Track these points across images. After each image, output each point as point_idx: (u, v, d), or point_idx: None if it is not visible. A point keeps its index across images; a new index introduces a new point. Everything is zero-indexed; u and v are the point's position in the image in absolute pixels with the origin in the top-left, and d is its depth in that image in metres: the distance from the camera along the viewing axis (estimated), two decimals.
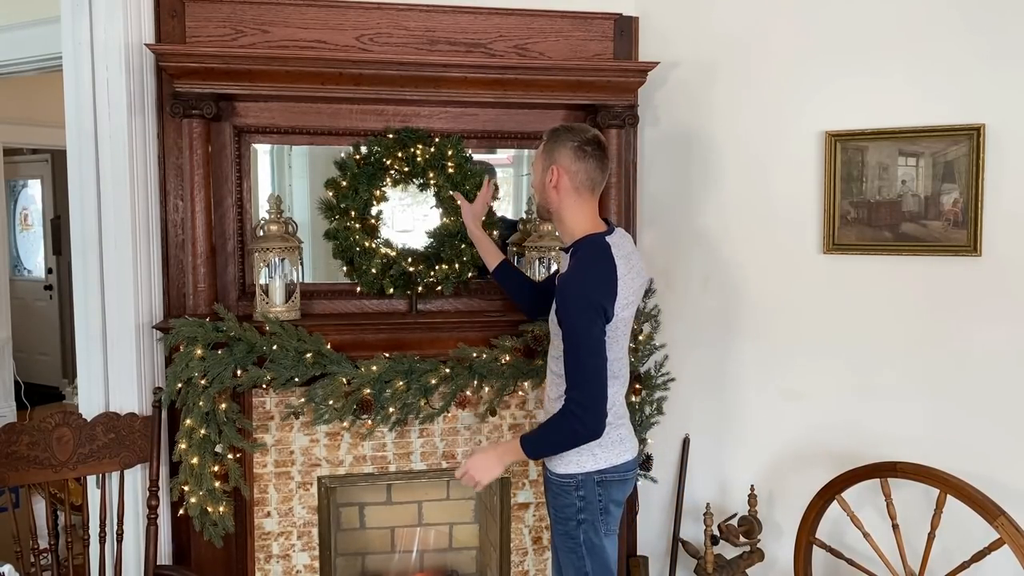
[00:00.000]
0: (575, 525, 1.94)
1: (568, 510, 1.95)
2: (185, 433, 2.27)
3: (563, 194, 1.93)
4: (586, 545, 1.94)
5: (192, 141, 2.33)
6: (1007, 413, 2.29)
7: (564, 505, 1.95)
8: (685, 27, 2.67)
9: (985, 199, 2.26)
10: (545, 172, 1.95)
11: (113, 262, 2.32)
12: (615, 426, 1.97)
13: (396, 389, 2.39)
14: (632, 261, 1.94)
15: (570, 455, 1.93)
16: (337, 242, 2.47)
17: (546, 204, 1.98)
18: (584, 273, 1.87)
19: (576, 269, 1.89)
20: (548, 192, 1.95)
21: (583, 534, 1.94)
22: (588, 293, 1.83)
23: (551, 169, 1.93)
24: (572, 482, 1.93)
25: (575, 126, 1.98)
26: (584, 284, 1.85)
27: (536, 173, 2.00)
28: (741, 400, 2.69)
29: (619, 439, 1.98)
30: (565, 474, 1.94)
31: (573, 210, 1.94)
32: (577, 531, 1.94)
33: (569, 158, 1.91)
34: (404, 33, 2.52)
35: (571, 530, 1.95)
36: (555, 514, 1.99)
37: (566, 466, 1.94)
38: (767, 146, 2.58)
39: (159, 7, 2.38)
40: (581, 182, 1.92)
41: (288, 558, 2.53)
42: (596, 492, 1.94)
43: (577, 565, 1.96)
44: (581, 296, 1.82)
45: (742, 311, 2.66)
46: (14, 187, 7.19)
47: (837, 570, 2.51)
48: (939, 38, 2.31)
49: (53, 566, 2.24)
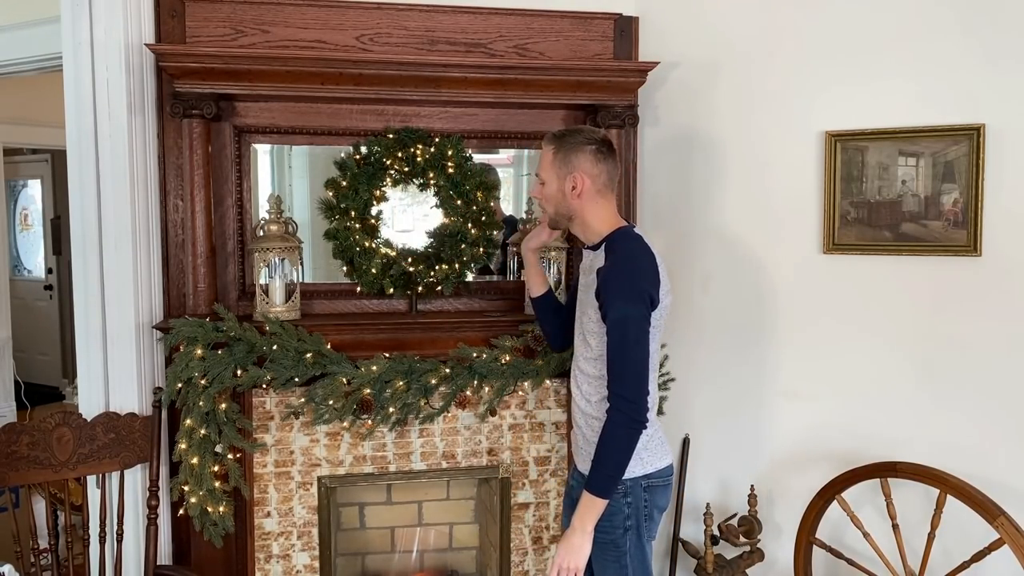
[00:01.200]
0: (621, 533, 1.90)
1: (615, 518, 1.90)
2: (185, 433, 2.27)
3: (586, 199, 1.92)
4: (630, 553, 1.91)
5: (192, 141, 2.33)
6: (1007, 413, 2.29)
7: (611, 513, 1.89)
8: (685, 27, 2.67)
9: (985, 199, 2.26)
10: (564, 181, 1.91)
11: (113, 262, 2.32)
12: (655, 427, 1.95)
13: (396, 389, 2.39)
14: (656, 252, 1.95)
15: None
16: (337, 242, 2.47)
17: (566, 212, 1.95)
18: (629, 262, 1.86)
19: (619, 260, 1.87)
20: (569, 200, 1.92)
21: (629, 541, 1.90)
22: (636, 281, 1.82)
23: (572, 177, 1.90)
24: (621, 488, 1.89)
25: (581, 129, 1.97)
26: (633, 273, 1.84)
27: (550, 184, 1.94)
28: (741, 400, 2.69)
29: (660, 441, 1.96)
30: None
31: (597, 211, 1.94)
32: (624, 539, 1.90)
33: (590, 162, 1.90)
34: (404, 33, 2.52)
35: (617, 538, 1.90)
36: (599, 524, 1.90)
37: None
38: (767, 146, 2.58)
39: (159, 7, 2.38)
40: (604, 183, 1.93)
41: (288, 558, 2.53)
42: (643, 498, 1.91)
43: (620, 574, 1.92)
44: (630, 285, 1.81)
45: (742, 311, 2.66)
46: (14, 187, 7.19)
47: (837, 570, 2.51)
48: (939, 38, 2.32)
49: (53, 566, 2.24)
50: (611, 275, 1.84)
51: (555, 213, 1.98)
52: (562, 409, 2.65)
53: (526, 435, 2.64)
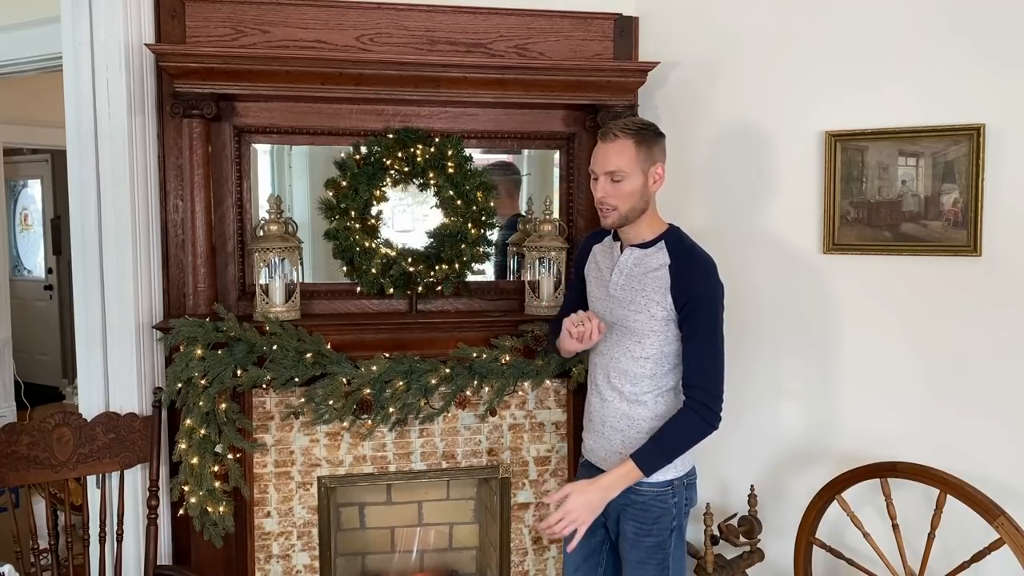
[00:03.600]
0: (669, 534, 1.88)
1: (664, 519, 1.88)
2: (185, 433, 2.27)
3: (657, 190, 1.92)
4: (674, 554, 1.89)
5: (192, 141, 2.33)
6: (1007, 413, 2.29)
7: (661, 515, 1.88)
8: (685, 27, 2.67)
9: (985, 199, 2.26)
10: (648, 174, 1.87)
11: (113, 262, 2.32)
12: None
13: (396, 389, 2.39)
14: None
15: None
16: (337, 242, 2.47)
17: (643, 207, 1.90)
18: (705, 261, 1.88)
19: (696, 260, 1.88)
20: (648, 193, 1.90)
21: (673, 541, 1.89)
22: (718, 283, 1.85)
23: (655, 168, 1.88)
24: (670, 489, 1.88)
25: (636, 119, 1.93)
26: (711, 272, 1.87)
27: (633, 178, 1.85)
28: (741, 400, 2.68)
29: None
30: (664, 481, 1.89)
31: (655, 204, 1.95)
32: (670, 540, 1.88)
33: (664, 153, 1.91)
34: (404, 33, 2.52)
35: (665, 540, 1.88)
36: (642, 528, 1.88)
37: (664, 472, 1.88)
38: (767, 146, 2.58)
39: (159, 7, 2.38)
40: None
41: (288, 558, 2.53)
42: (685, 496, 1.93)
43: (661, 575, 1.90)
44: (717, 286, 1.85)
45: (742, 311, 2.66)
46: (14, 187, 7.19)
47: (837, 570, 2.51)
48: (939, 38, 2.31)
49: (53, 566, 2.24)
50: (697, 275, 1.85)
51: (630, 210, 1.88)
52: (562, 409, 2.65)
53: (526, 435, 2.64)
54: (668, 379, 1.93)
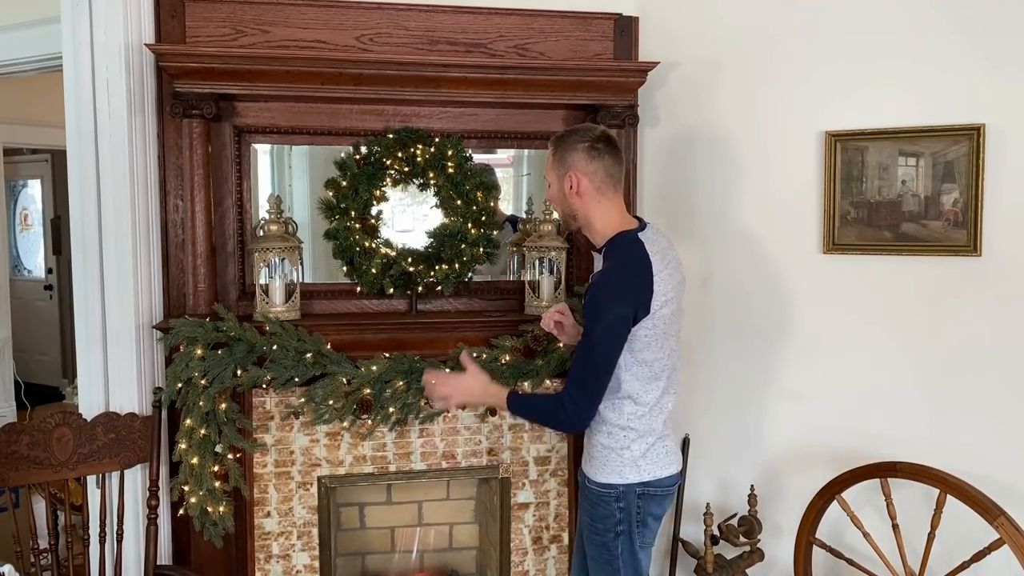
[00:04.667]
0: (613, 537, 1.90)
1: (607, 521, 1.91)
2: (185, 433, 2.27)
3: (586, 198, 1.89)
4: (622, 558, 1.91)
5: (192, 141, 2.33)
6: (1007, 413, 2.29)
7: (603, 516, 1.91)
8: (685, 27, 2.67)
9: (985, 199, 2.26)
10: (563, 181, 1.90)
11: (113, 262, 2.32)
12: (662, 437, 1.93)
13: (396, 389, 2.39)
14: (668, 257, 1.90)
15: (613, 465, 1.90)
16: (337, 242, 2.47)
17: (571, 213, 1.93)
18: (617, 271, 1.85)
19: (609, 267, 1.87)
20: (571, 200, 1.91)
21: (620, 545, 1.90)
22: (622, 293, 1.80)
23: (568, 176, 1.89)
24: (613, 492, 1.89)
25: (580, 127, 1.94)
26: (618, 283, 1.82)
27: (553, 185, 1.94)
28: (741, 400, 2.69)
29: (665, 451, 1.94)
30: (606, 483, 1.90)
31: (600, 211, 1.91)
32: (615, 543, 1.90)
33: (583, 160, 1.87)
34: (404, 33, 2.52)
35: (608, 541, 1.91)
36: (592, 523, 1.93)
37: (607, 475, 1.90)
38: (767, 146, 2.58)
39: (159, 7, 2.38)
40: (602, 181, 1.89)
41: (288, 558, 2.53)
42: (636, 504, 1.90)
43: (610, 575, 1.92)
44: (613, 295, 1.80)
45: (742, 311, 2.66)
46: (14, 187, 7.19)
47: (837, 570, 2.51)
48: (939, 38, 2.31)
49: (53, 566, 2.24)
50: (598, 283, 1.86)
51: (562, 214, 1.98)
52: None
53: (526, 435, 2.64)
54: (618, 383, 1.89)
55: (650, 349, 1.85)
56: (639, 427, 1.89)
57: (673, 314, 1.89)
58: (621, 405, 1.89)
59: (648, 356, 1.85)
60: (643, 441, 1.90)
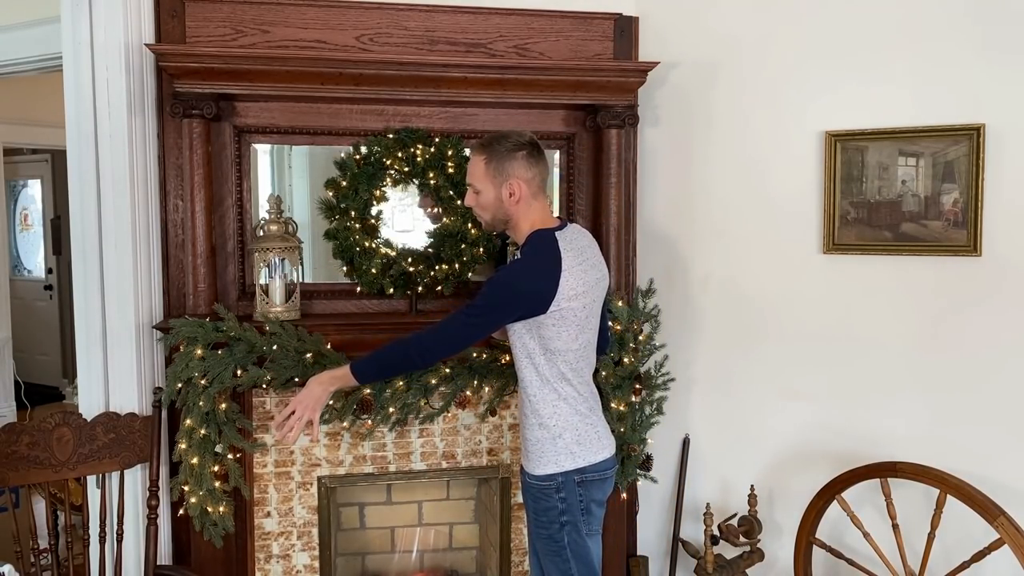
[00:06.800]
0: (558, 528, 1.93)
1: (550, 513, 1.94)
2: (185, 433, 2.26)
3: (523, 203, 1.94)
4: (571, 548, 1.94)
5: (192, 141, 2.33)
6: (1007, 413, 2.29)
7: (546, 508, 1.94)
8: (685, 27, 2.67)
9: (985, 199, 2.26)
10: (500, 188, 1.93)
11: (113, 262, 2.32)
12: (590, 422, 1.98)
13: (396, 389, 2.39)
14: (586, 255, 1.97)
15: (548, 455, 1.93)
16: (337, 242, 2.47)
17: (504, 218, 1.97)
18: (522, 263, 1.94)
19: (516, 260, 1.97)
20: (508, 207, 1.94)
21: (567, 536, 1.93)
22: (516, 282, 1.89)
23: (508, 184, 1.92)
24: (552, 484, 1.93)
25: (507, 133, 1.98)
26: (516, 273, 1.94)
27: (486, 192, 1.94)
28: (741, 400, 2.69)
29: (596, 436, 1.98)
30: (544, 475, 1.93)
31: (530, 213, 1.96)
32: (560, 534, 1.93)
33: (523, 167, 1.92)
34: (404, 33, 2.52)
35: (554, 533, 1.94)
36: (536, 518, 1.98)
37: (545, 466, 1.93)
38: (767, 146, 2.58)
39: (159, 7, 2.38)
40: (537, 186, 1.96)
41: (288, 558, 2.53)
42: (577, 493, 1.94)
43: (562, 568, 1.95)
44: (508, 282, 1.90)
45: (742, 311, 2.66)
46: (14, 187, 7.18)
47: (837, 570, 2.51)
48: (939, 38, 2.32)
49: (53, 566, 2.24)
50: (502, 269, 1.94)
51: (492, 219, 1.98)
52: None
53: None
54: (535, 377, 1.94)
55: (560, 338, 1.90)
56: (567, 415, 1.95)
57: (586, 308, 1.93)
58: (547, 396, 1.94)
59: (560, 345, 1.91)
60: (573, 429, 1.95)
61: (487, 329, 1.95)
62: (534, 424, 1.96)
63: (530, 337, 1.91)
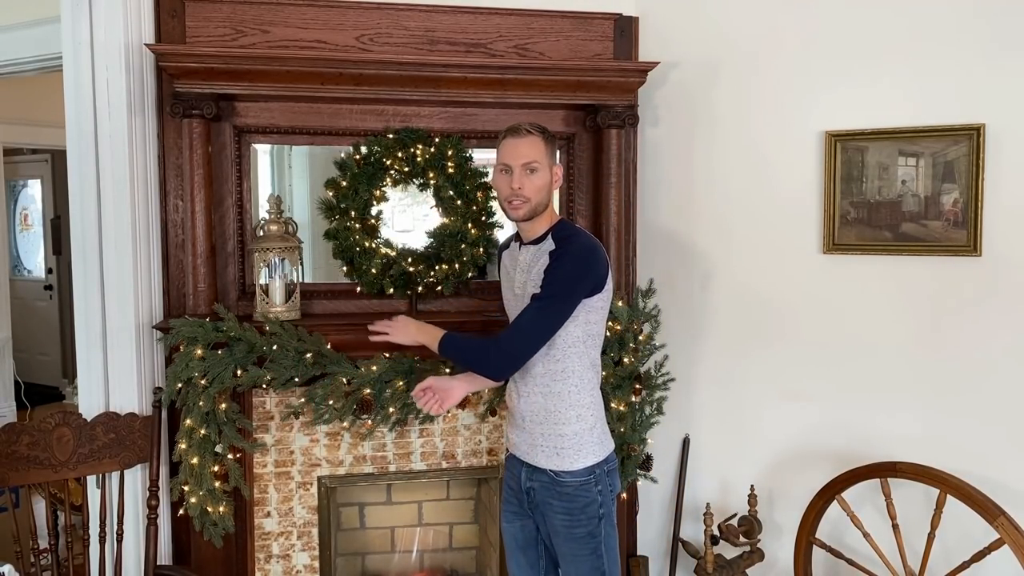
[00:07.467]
0: (597, 522, 1.92)
1: (589, 509, 1.91)
2: (185, 433, 2.26)
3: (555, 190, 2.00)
4: (606, 542, 1.93)
5: (192, 141, 2.33)
6: (1007, 413, 2.29)
7: (584, 505, 1.91)
8: (685, 27, 2.67)
9: (985, 199, 2.26)
10: (550, 172, 1.96)
11: (113, 262, 2.32)
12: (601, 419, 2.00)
13: (396, 389, 2.39)
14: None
15: (587, 446, 1.92)
16: (337, 242, 2.47)
17: (545, 202, 1.97)
18: (587, 249, 1.90)
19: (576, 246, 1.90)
20: (551, 190, 1.97)
21: (603, 529, 1.92)
22: (589, 267, 1.87)
23: (555, 168, 1.97)
24: (592, 477, 1.92)
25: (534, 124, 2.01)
26: (588, 258, 1.89)
27: (543, 173, 1.94)
28: (741, 400, 2.69)
29: (604, 427, 2.01)
30: (584, 469, 1.92)
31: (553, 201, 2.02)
32: (599, 528, 1.92)
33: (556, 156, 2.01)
34: (404, 33, 2.52)
35: (594, 528, 1.91)
36: (571, 519, 1.92)
37: (585, 459, 1.92)
38: (767, 146, 2.58)
39: (159, 7, 2.38)
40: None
41: (288, 558, 2.53)
42: (607, 482, 1.96)
43: (595, 565, 1.92)
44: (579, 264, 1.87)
45: (742, 311, 2.66)
46: (14, 187, 7.18)
47: (837, 570, 2.51)
48: (939, 38, 2.32)
49: (53, 566, 2.24)
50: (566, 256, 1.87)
51: (536, 204, 1.94)
52: None
53: None
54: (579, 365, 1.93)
55: (601, 323, 1.95)
56: (598, 403, 1.98)
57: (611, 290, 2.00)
58: (586, 385, 1.94)
59: (599, 329, 1.95)
60: (601, 418, 1.98)
61: (565, 316, 1.88)
62: (571, 418, 1.93)
63: (575, 325, 1.90)
